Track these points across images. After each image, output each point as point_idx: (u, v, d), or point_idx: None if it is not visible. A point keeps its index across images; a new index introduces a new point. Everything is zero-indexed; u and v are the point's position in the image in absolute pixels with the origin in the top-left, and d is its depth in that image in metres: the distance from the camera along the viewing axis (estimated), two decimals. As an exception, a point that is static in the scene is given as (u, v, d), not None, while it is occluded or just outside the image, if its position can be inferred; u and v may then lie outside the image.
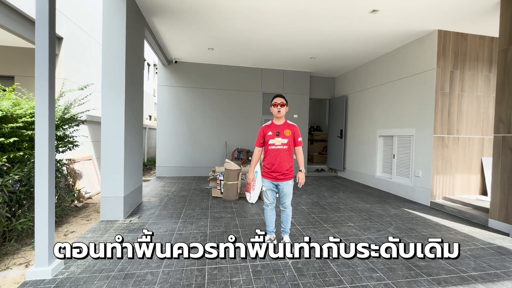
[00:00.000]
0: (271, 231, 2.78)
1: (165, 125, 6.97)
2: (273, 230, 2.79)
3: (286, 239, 2.78)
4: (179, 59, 6.79)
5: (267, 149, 2.66)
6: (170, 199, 4.61)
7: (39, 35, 2.07)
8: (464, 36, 4.66)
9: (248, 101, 7.38)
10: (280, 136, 2.60)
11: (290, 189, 2.64)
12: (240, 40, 5.40)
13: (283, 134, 2.60)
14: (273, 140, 2.61)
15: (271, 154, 2.61)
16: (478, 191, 4.82)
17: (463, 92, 4.70)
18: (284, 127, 2.64)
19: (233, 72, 7.25)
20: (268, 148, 2.64)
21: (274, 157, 2.59)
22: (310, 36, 5.05)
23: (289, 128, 2.62)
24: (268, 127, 2.68)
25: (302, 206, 4.37)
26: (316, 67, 7.20)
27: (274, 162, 2.59)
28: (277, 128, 2.64)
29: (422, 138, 4.82)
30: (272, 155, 2.61)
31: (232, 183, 4.59)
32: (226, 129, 7.28)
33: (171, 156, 7.00)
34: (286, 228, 2.77)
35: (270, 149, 2.63)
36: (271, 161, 2.61)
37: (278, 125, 2.65)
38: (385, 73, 5.89)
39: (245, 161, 6.82)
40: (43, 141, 2.07)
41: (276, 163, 2.59)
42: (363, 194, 5.40)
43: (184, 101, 7.05)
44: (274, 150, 2.61)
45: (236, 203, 4.47)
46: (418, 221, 3.78)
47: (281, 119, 2.68)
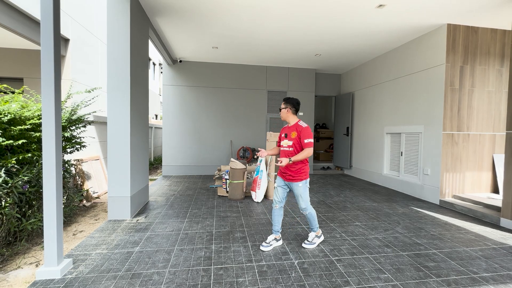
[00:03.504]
0: (276, 231, 2.78)
1: (171, 124, 7.01)
2: (278, 230, 2.78)
3: (310, 235, 2.81)
4: (184, 58, 6.80)
5: (280, 149, 2.82)
6: (176, 198, 4.64)
7: (44, 36, 2.08)
8: (475, 30, 4.52)
9: (253, 100, 7.35)
10: (287, 138, 2.70)
11: (300, 191, 2.63)
12: (244, 38, 5.36)
13: (290, 136, 2.68)
14: (282, 142, 2.75)
15: (281, 154, 2.76)
16: (489, 189, 4.70)
17: (474, 88, 4.57)
18: (292, 129, 2.68)
19: (238, 70, 7.22)
20: (280, 149, 2.80)
21: (282, 157, 2.68)
22: (315, 32, 4.98)
23: (295, 130, 2.64)
24: (284, 128, 2.81)
25: (308, 205, 4.34)
26: (322, 64, 7.11)
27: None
28: (287, 130, 2.75)
29: (431, 135, 4.72)
30: (282, 155, 2.74)
31: (237, 182, 4.59)
32: (231, 128, 7.27)
33: (177, 155, 7.04)
34: (312, 225, 2.79)
35: (281, 150, 2.78)
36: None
37: (288, 127, 2.75)
38: (392, 69, 5.78)
39: (250, 159, 6.81)
40: (50, 143, 2.10)
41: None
42: (370, 193, 5.33)
43: (190, 100, 7.07)
44: (283, 151, 2.75)
45: (241, 202, 4.48)
46: (427, 220, 3.71)
47: (292, 121, 2.73)
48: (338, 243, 2.87)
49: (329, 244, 2.84)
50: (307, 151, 2.54)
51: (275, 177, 4.63)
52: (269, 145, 4.70)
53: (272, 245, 2.70)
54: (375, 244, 2.84)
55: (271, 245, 2.69)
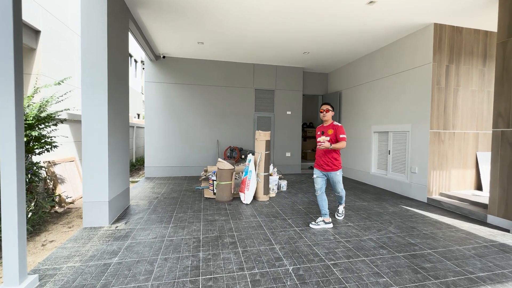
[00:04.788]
0: (324, 214, 3.33)
1: (154, 123, 6.67)
2: (326, 213, 3.33)
3: (340, 209, 3.63)
4: (167, 54, 6.49)
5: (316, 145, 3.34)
6: (160, 202, 4.37)
7: (1, 24, 1.79)
8: (459, 30, 4.60)
9: (240, 98, 7.16)
10: (324, 135, 3.27)
11: (338, 178, 3.32)
12: (231, 34, 5.17)
13: (327, 133, 3.27)
14: (319, 138, 3.24)
15: (318, 149, 3.31)
16: (473, 186, 4.81)
17: (459, 87, 4.65)
18: (329, 127, 3.30)
19: (225, 67, 7.00)
20: (317, 144, 3.31)
21: (321, 151, 3.31)
22: (305, 30, 4.88)
23: (332, 128, 3.26)
24: (320, 127, 3.42)
25: (298, 206, 4.22)
26: (309, 62, 7.05)
27: (320, 155, 3.34)
28: (323, 129, 3.35)
29: (418, 134, 4.75)
30: (319, 149, 3.32)
31: (225, 183, 4.39)
32: (218, 127, 7.04)
33: (161, 155, 6.72)
34: (341, 201, 3.58)
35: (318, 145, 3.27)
36: (319, 154, 3.36)
37: (324, 126, 3.36)
38: (379, 68, 5.80)
39: (238, 159, 6.61)
40: (9, 143, 1.81)
41: (322, 155, 3.31)
42: (359, 192, 5.31)
43: (174, 98, 6.76)
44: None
45: (230, 204, 4.28)
46: (417, 218, 3.70)
47: (328, 122, 3.34)
48: (333, 245, 2.76)
49: (324, 247, 2.72)
50: (342, 143, 3.16)
51: (264, 177, 4.48)
52: (258, 145, 4.53)
53: (320, 225, 3.27)
54: (370, 246, 2.76)
55: (319, 225, 3.27)
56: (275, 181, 5.06)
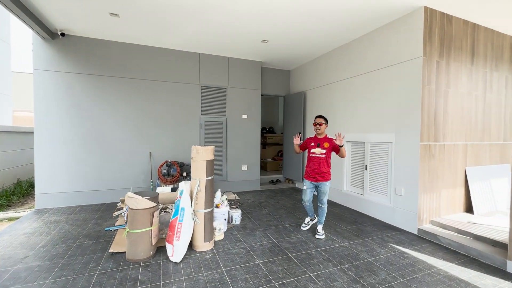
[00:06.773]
0: (310, 215, 3.64)
1: (49, 129, 4.59)
2: (312, 215, 3.63)
3: (319, 228, 3.44)
4: (68, 30, 4.51)
5: (309, 156, 3.46)
6: (26, 269, 2.52)
7: None
8: (449, 18, 3.75)
9: (182, 97, 5.50)
10: (320, 147, 3.37)
11: (327, 189, 3.39)
12: (157, 5, 3.53)
13: (323, 146, 3.37)
14: (314, 150, 3.40)
15: (313, 160, 3.41)
16: (462, 208, 4.02)
17: (449, 89, 3.81)
18: (324, 140, 3.40)
19: (159, 55, 5.27)
20: (310, 156, 3.44)
21: (315, 162, 3.38)
22: (261, 5, 3.52)
23: (327, 141, 3.37)
24: (312, 139, 3.52)
25: (256, 259, 2.82)
26: (269, 55, 5.75)
27: (315, 166, 3.37)
28: (318, 141, 3.42)
29: (404, 146, 3.77)
30: (314, 161, 3.40)
31: (140, 231, 2.75)
32: (150, 135, 5.26)
33: (61, 176, 4.66)
34: (321, 220, 3.47)
35: (312, 156, 3.43)
36: (313, 166, 3.40)
37: (319, 138, 3.44)
38: (354, 64, 4.76)
39: (177, 178, 4.94)
40: None
41: (317, 167, 3.36)
42: (333, 220, 4.14)
43: (83, 95, 4.78)
44: (315, 157, 3.40)
45: (147, 267, 2.66)
46: (422, 271, 2.60)
47: (322, 134, 3.45)
48: None
49: None
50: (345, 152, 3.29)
51: (206, 215, 2.96)
52: (195, 165, 3.01)
53: (309, 225, 3.65)
54: None
55: (308, 225, 3.65)
56: (224, 214, 3.58)
